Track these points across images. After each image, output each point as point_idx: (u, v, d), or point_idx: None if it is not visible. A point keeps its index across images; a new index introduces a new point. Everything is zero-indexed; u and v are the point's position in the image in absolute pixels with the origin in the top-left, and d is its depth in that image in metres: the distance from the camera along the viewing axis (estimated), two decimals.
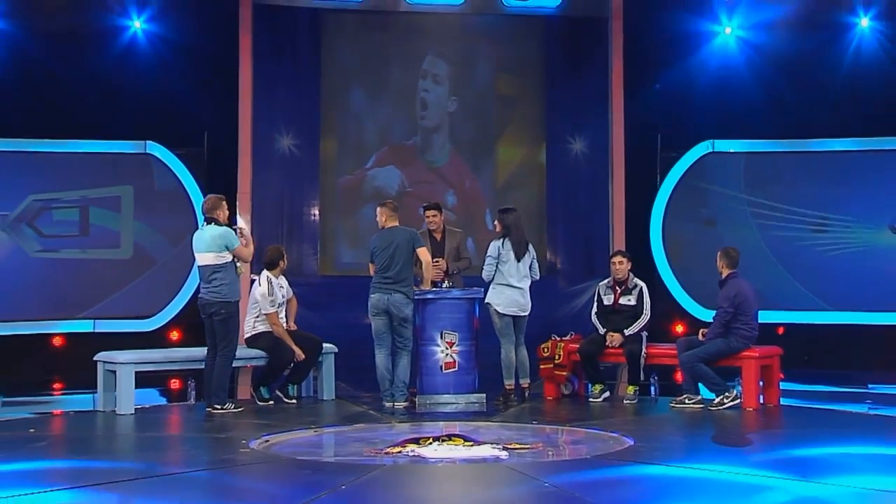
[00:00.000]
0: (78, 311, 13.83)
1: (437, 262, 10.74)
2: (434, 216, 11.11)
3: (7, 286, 13.79)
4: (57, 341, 13.87)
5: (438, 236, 11.03)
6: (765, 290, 11.39)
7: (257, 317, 10.48)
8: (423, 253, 10.14)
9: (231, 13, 13.48)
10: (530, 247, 10.65)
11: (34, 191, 13.86)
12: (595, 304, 10.89)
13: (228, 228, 10.00)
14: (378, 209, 10.50)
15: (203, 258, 9.91)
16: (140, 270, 13.97)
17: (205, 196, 13.39)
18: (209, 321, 9.91)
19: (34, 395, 11.79)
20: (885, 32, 14.22)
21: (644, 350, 10.47)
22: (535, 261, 10.66)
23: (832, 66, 14.29)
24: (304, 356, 10.39)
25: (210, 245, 9.84)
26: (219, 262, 9.84)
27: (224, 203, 10.18)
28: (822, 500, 6.29)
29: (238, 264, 9.97)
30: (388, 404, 10.11)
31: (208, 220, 10.00)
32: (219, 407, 9.80)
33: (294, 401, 10.52)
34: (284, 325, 10.55)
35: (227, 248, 9.83)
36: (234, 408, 9.85)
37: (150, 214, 14.12)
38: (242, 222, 10.74)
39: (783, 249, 14.58)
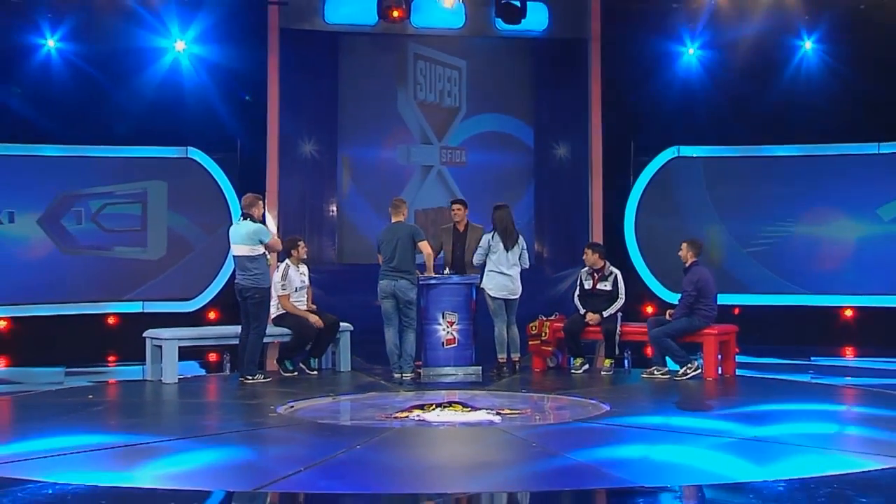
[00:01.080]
0: (132, 290, 13.92)
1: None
2: (459, 210, 11.13)
3: (71, 272, 13.87)
4: (111, 320, 13.92)
5: (461, 228, 11.03)
6: (721, 275, 11.38)
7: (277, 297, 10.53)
8: (425, 246, 10.16)
9: (261, 36, 13.48)
10: (521, 239, 10.64)
11: (77, 188, 13.94)
12: (577, 288, 10.92)
13: (262, 225, 10.07)
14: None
15: (238, 250, 9.96)
16: (182, 256, 14.05)
17: (237, 194, 13.63)
18: (244, 303, 9.96)
19: (92, 366, 11.79)
20: (825, 53, 14.25)
21: (619, 328, 10.53)
22: (524, 251, 10.65)
23: (780, 82, 14.32)
24: (321, 324, 10.41)
25: (245, 239, 9.90)
26: (252, 254, 9.90)
27: (260, 202, 10.24)
28: (766, 438, 6.38)
29: (268, 255, 10.02)
30: (396, 375, 10.12)
31: (244, 216, 10.03)
32: (249, 378, 9.84)
33: (315, 372, 10.55)
34: (304, 307, 10.58)
35: (261, 242, 9.90)
36: (262, 378, 9.89)
37: (190, 209, 14.16)
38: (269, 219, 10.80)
39: (738, 240, 14.60)
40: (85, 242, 14.05)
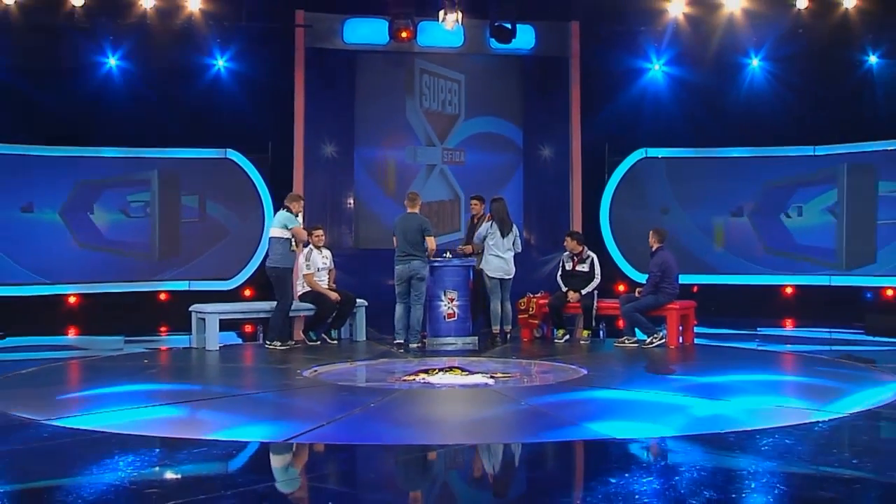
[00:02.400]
0: (176, 274, 13.94)
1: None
2: (476, 204, 11.16)
3: (125, 258, 13.89)
4: (163, 296, 13.94)
5: (477, 220, 11.01)
6: (682, 258, 11.37)
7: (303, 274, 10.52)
8: (430, 241, 10.10)
9: (289, 54, 13.48)
10: (515, 227, 10.65)
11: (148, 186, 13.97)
12: (560, 269, 10.91)
13: (291, 215, 10.12)
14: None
15: (272, 231, 10.14)
16: (221, 238, 14.05)
17: (269, 188, 13.86)
18: (270, 281, 10.06)
19: (147, 335, 11.79)
20: (770, 70, 14.21)
21: (595, 304, 10.54)
22: (517, 238, 10.65)
23: (732, 94, 14.31)
24: (339, 298, 10.41)
25: (276, 223, 10.12)
26: (280, 237, 9.98)
27: (301, 201, 10.48)
28: (720, 396, 6.40)
29: (293, 242, 10.06)
30: (397, 342, 10.10)
31: (284, 207, 10.21)
32: (268, 343, 9.89)
33: (335, 341, 10.51)
34: (325, 286, 10.57)
35: (287, 227, 9.97)
36: (280, 345, 9.86)
37: (229, 200, 14.16)
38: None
39: (694, 228, 14.58)
40: (143, 230, 14.07)
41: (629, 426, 6.08)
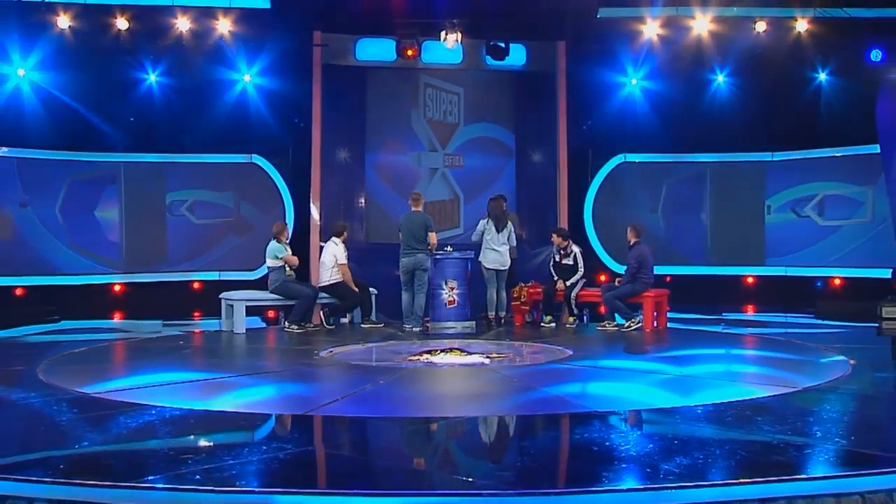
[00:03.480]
0: (208, 266, 13.94)
1: None
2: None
3: (162, 252, 13.90)
4: (196, 285, 13.90)
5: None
6: (656, 251, 11.37)
7: (333, 268, 10.47)
8: (432, 236, 10.15)
9: (307, 70, 13.39)
10: (510, 223, 10.66)
11: (171, 187, 13.99)
12: (551, 261, 10.92)
13: (280, 245, 10.39)
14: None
15: (268, 262, 10.45)
16: (246, 233, 14.00)
17: (289, 189, 13.84)
18: None
19: (183, 320, 11.82)
20: (733, 84, 14.14)
21: (574, 294, 10.52)
22: (512, 233, 10.66)
23: (700, 106, 14.23)
24: (357, 290, 10.47)
25: (269, 255, 10.43)
26: (275, 266, 10.29)
27: (286, 229, 10.85)
28: (689, 374, 6.39)
29: (287, 268, 10.31)
30: (406, 327, 10.12)
31: (273, 237, 10.42)
32: (287, 326, 10.09)
33: (333, 326, 10.47)
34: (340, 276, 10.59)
35: (277, 257, 10.25)
36: (297, 329, 9.92)
37: (254, 199, 14.12)
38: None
39: (667, 225, 14.56)
40: (181, 226, 14.08)
41: (609, 400, 6.09)
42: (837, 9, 12.07)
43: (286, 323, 10.08)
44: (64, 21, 11.93)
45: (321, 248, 11.32)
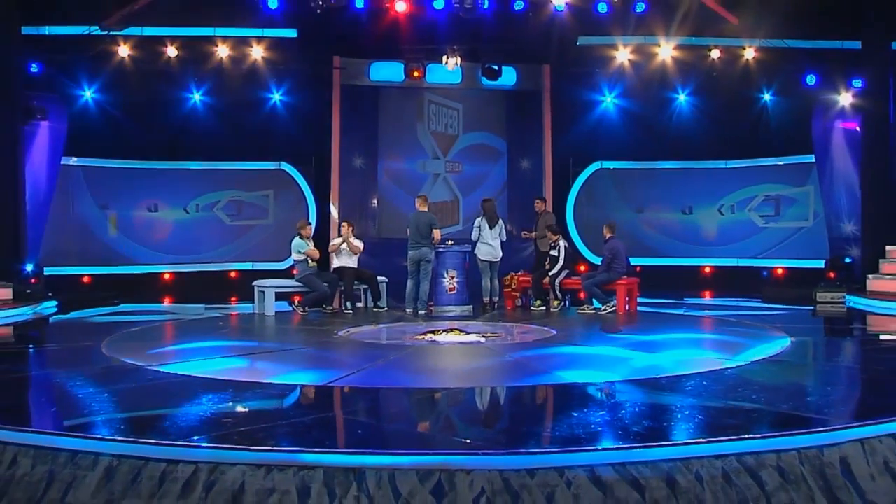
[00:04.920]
0: (243, 257, 13.93)
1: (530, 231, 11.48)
2: (539, 203, 11.63)
3: (205, 245, 13.90)
4: (233, 274, 13.91)
5: (538, 216, 11.41)
6: (628, 244, 11.35)
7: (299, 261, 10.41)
8: (436, 232, 10.09)
9: (327, 89, 13.43)
10: (501, 221, 10.65)
11: (212, 189, 14.00)
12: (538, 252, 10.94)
13: (303, 241, 10.26)
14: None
15: (293, 255, 10.30)
16: (276, 228, 13.95)
17: (312, 191, 13.80)
18: None
19: (221, 304, 11.83)
20: (693, 102, 14.16)
21: (556, 282, 10.48)
22: (503, 230, 10.64)
23: (664, 121, 14.27)
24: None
25: (294, 249, 10.29)
26: (298, 259, 10.21)
27: (309, 225, 10.69)
28: (655, 350, 6.41)
29: (308, 260, 10.20)
30: (409, 311, 10.08)
31: (298, 234, 10.29)
32: (298, 308, 10.10)
33: (367, 309, 10.50)
34: (356, 265, 10.51)
35: (300, 252, 10.15)
36: (302, 312, 9.95)
37: (283, 200, 14.12)
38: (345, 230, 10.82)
39: (637, 222, 14.52)
40: (220, 224, 14.05)
41: (587, 373, 6.07)
42: (779, 40, 12.17)
43: (298, 307, 10.08)
44: (124, 50, 12.10)
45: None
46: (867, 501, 3.76)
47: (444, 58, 12.49)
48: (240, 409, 4.85)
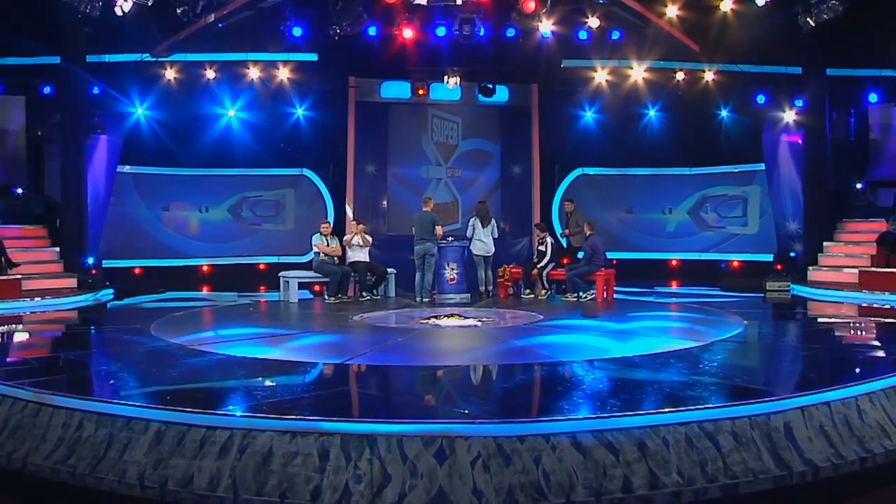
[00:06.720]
0: (270, 252, 13.89)
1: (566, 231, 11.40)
2: (568, 204, 11.67)
3: (237, 241, 13.86)
4: (261, 266, 13.84)
5: (568, 214, 11.47)
6: (606, 240, 11.34)
7: (351, 248, 10.39)
8: (438, 229, 10.04)
9: (344, 105, 13.42)
10: (493, 220, 10.61)
11: (244, 192, 13.96)
12: (531, 247, 10.90)
13: (318, 235, 10.23)
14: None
15: (313, 249, 10.24)
16: (298, 226, 13.86)
17: (330, 195, 13.75)
18: None
19: (252, 293, 11.82)
20: (662, 117, 14.09)
21: (544, 273, 10.44)
22: (495, 228, 10.60)
23: (637, 133, 14.18)
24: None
25: (313, 243, 10.23)
26: (315, 251, 10.17)
27: (326, 224, 10.53)
28: (629, 332, 6.40)
29: (322, 255, 10.15)
30: (417, 299, 10.01)
31: (319, 232, 10.25)
32: (326, 298, 10.04)
33: (378, 297, 10.48)
34: (367, 259, 10.47)
35: (315, 245, 10.16)
36: (334, 300, 9.84)
37: (303, 203, 14.06)
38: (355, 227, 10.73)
39: (615, 222, 14.47)
40: (251, 222, 14.04)
41: (570, 351, 6.08)
42: (734, 65, 12.35)
43: (326, 296, 10.04)
44: (170, 73, 12.23)
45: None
46: (805, 459, 3.78)
47: (446, 78, 12.52)
48: (268, 382, 4.85)
